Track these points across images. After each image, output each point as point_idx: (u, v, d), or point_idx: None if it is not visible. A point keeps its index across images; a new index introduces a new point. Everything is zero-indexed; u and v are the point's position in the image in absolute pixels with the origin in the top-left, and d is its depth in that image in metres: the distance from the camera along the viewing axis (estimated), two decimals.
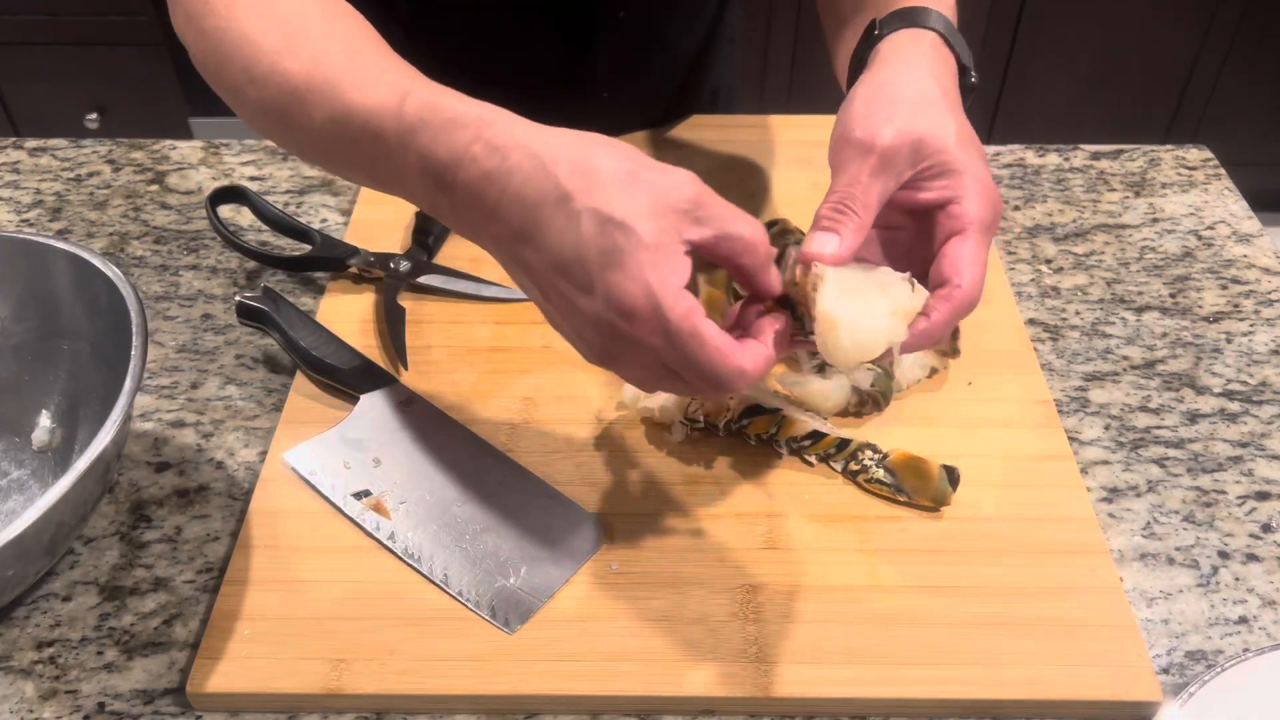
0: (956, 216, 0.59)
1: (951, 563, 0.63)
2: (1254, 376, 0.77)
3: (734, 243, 0.52)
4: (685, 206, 0.50)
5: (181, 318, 0.81)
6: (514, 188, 0.51)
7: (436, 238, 0.84)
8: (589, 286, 0.50)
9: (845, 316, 0.55)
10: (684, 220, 0.50)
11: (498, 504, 0.66)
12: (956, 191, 0.59)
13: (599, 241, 0.49)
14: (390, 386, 0.72)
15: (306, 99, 0.57)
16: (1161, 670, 0.60)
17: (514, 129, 0.51)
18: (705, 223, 0.51)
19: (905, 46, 0.63)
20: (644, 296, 0.49)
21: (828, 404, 0.70)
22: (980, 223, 0.58)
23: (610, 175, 0.50)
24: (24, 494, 0.68)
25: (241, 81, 0.60)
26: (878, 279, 0.57)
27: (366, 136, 0.55)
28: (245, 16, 0.60)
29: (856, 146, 0.58)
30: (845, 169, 0.58)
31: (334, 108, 0.56)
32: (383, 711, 0.57)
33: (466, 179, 0.52)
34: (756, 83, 2.21)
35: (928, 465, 0.65)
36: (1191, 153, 0.98)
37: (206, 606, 0.62)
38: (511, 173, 0.51)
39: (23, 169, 0.97)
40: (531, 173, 0.50)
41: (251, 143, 1.00)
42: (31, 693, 0.58)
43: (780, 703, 0.57)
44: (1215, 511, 0.68)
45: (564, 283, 0.51)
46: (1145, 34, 2.13)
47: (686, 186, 0.51)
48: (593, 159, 0.50)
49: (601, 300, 0.50)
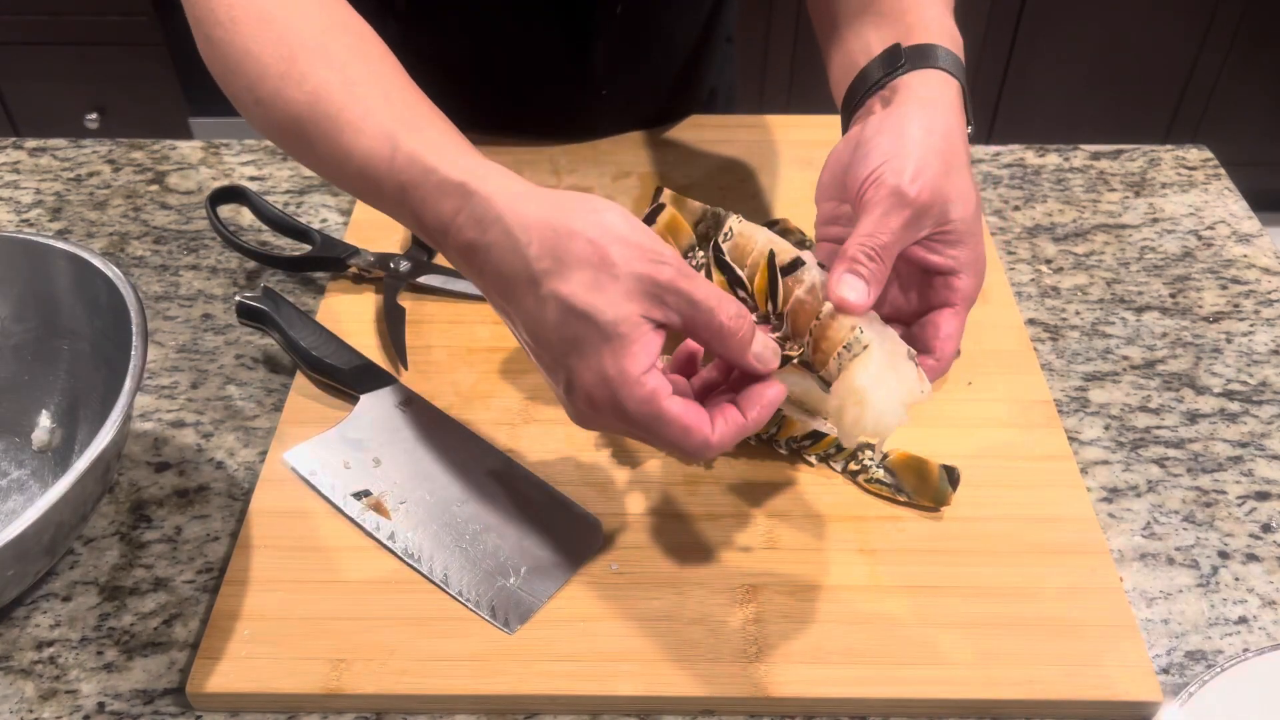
0: (954, 289, 0.61)
1: (951, 563, 0.63)
2: (1254, 376, 0.77)
3: (707, 329, 0.51)
4: (655, 291, 0.50)
5: (181, 318, 0.81)
6: (493, 262, 0.52)
7: None
8: (555, 367, 0.52)
9: (876, 398, 0.55)
10: (653, 305, 0.50)
11: (498, 504, 0.66)
12: (962, 266, 0.61)
13: (561, 331, 0.50)
14: (390, 386, 0.72)
15: (310, 131, 0.58)
16: (1161, 670, 0.60)
17: (494, 200, 0.52)
18: (675, 309, 0.51)
19: (935, 93, 0.62)
20: (602, 385, 0.50)
21: (828, 404, 0.70)
22: (970, 300, 0.61)
23: (579, 260, 0.50)
24: (24, 494, 0.68)
25: (248, 100, 0.61)
26: (891, 350, 0.57)
27: (365, 181, 0.57)
28: (246, 30, 0.60)
29: (893, 195, 0.57)
30: (875, 211, 0.57)
31: (334, 147, 0.57)
32: (383, 711, 0.58)
33: (455, 244, 0.54)
34: (756, 83, 2.21)
35: (928, 465, 0.65)
36: (1191, 153, 0.98)
37: (206, 606, 0.62)
38: (490, 247, 0.52)
39: (23, 169, 0.97)
40: (506, 250, 0.51)
41: (251, 143, 1.00)
42: (31, 693, 0.58)
43: (780, 703, 0.57)
44: (1215, 511, 0.68)
45: (540, 352, 0.53)
46: (1145, 34, 2.13)
47: (662, 269, 0.50)
48: (563, 241, 0.50)
49: (565, 383, 0.52)
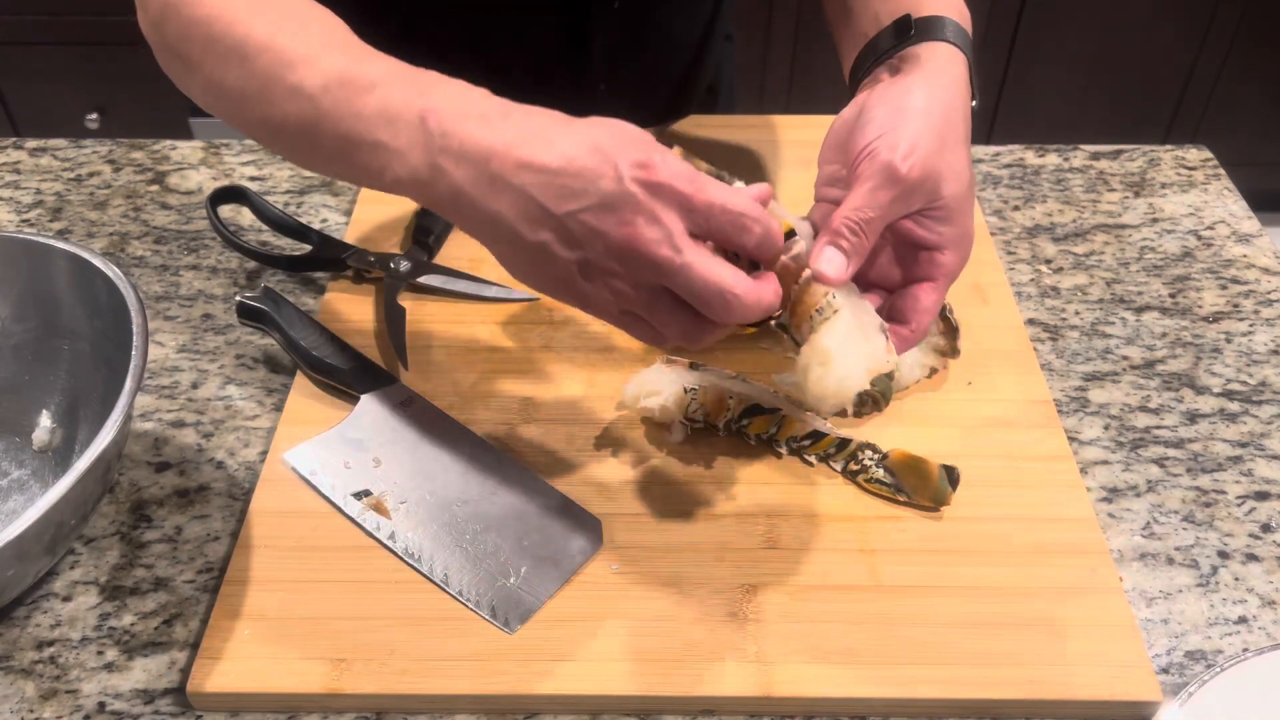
0: (937, 264, 0.61)
1: (951, 563, 0.63)
2: (1253, 376, 0.77)
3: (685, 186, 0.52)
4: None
5: (182, 318, 0.81)
6: None
7: (437, 238, 0.84)
8: (561, 226, 0.52)
9: (840, 359, 0.55)
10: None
11: (498, 504, 0.66)
12: (947, 242, 0.61)
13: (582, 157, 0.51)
14: (390, 386, 0.72)
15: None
16: (1161, 670, 0.60)
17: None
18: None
19: (942, 66, 0.62)
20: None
21: (827, 404, 0.70)
22: (952, 275, 0.62)
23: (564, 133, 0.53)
24: (24, 494, 0.68)
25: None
26: (863, 321, 0.57)
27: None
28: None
29: (884, 170, 0.57)
30: (866, 185, 0.58)
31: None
32: (383, 711, 0.58)
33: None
34: (756, 83, 2.21)
35: (927, 465, 0.65)
36: (1191, 153, 0.98)
37: (207, 606, 0.62)
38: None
39: (23, 169, 0.97)
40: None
41: (252, 143, 1.00)
42: (32, 692, 0.58)
43: (780, 703, 0.57)
44: (1215, 511, 0.68)
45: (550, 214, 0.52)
46: (1145, 35, 2.13)
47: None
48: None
49: (572, 240, 0.52)
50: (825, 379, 0.56)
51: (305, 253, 0.83)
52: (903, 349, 0.60)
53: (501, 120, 0.53)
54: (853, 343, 0.56)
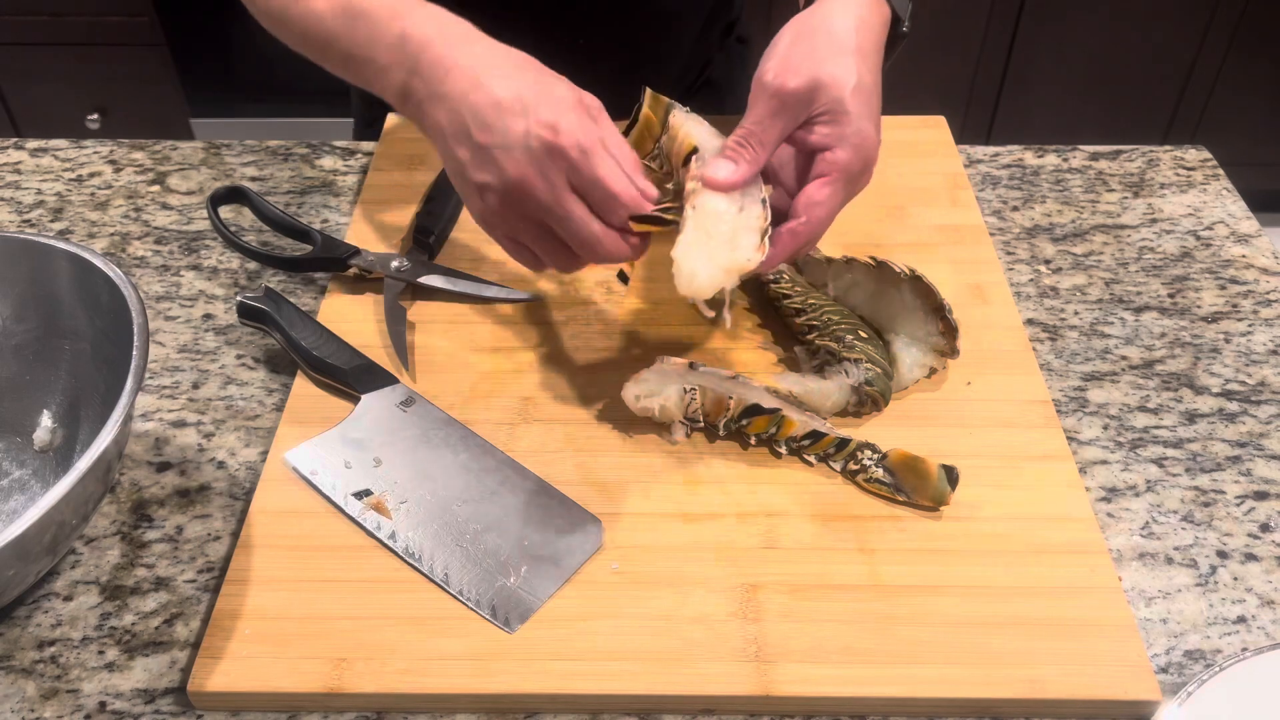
0: (828, 162, 0.65)
1: (951, 563, 0.63)
2: (1252, 376, 0.77)
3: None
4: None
5: (182, 318, 0.82)
6: None
7: (437, 238, 0.84)
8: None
9: (684, 263, 0.62)
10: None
11: (498, 504, 0.66)
12: (834, 141, 0.64)
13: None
14: (390, 386, 0.72)
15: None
16: (1160, 669, 0.60)
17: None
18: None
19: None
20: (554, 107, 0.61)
21: (827, 404, 0.70)
22: (845, 172, 0.65)
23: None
24: (25, 494, 0.68)
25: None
26: (738, 226, 0.64)
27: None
28: None
29: (766, 88, 0.64)
30: (754, 107, 0.65)
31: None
32: (383, 711, 0.58)
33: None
34: None
35: (927, 465, 0.66)
36: (1190, 153, 0.99)
37: (207, 606, 0.62)
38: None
39: (24, 169, 0.97)
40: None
41: (252, 143, 1.00)
42: (33, 692, 0.58)
43: (780, 702, 0.57)
44: (1214, 511, 0.68)
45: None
46: (1144, 34, 2.14)
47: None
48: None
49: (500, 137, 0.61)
50: (679, 282, 0.62)
51: (306, 253, 0.83)
52: (796, 244, 0.65)
53: (467, 45, 0.64)
54: (698, 248, 0.62)
